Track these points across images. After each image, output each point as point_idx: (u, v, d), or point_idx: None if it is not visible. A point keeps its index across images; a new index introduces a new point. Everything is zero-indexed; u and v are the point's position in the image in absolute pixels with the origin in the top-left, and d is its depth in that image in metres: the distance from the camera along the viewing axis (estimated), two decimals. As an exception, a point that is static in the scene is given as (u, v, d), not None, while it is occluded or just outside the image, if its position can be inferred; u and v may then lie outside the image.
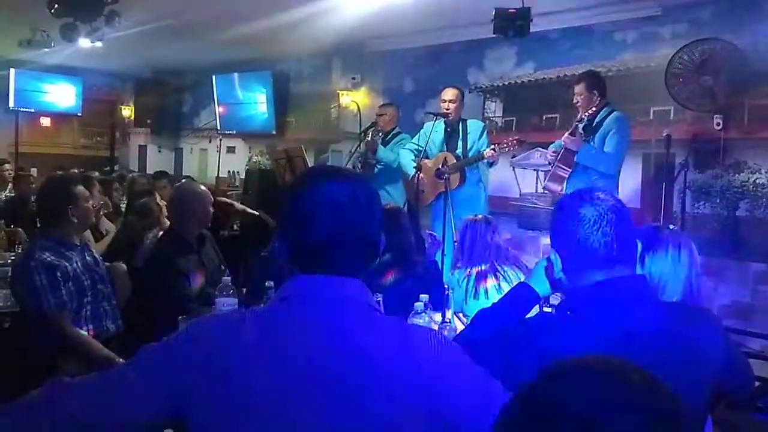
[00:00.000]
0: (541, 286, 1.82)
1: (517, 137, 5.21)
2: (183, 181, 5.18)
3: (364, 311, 1.25)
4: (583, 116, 4.72)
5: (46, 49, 8.05)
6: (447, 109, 5.28)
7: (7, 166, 7.58)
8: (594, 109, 4.69)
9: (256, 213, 5.38)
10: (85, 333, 3.04)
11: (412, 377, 1.19)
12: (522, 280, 3.06)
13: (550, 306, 2.69)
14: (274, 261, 3.25)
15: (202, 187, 3.74)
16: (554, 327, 1.58)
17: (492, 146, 5.03)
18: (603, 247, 1.52)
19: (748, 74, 5.24)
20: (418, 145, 5.42)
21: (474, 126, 5.35)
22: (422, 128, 5.53)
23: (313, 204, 1.26)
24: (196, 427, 1.19)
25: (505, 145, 4.94)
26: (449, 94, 5.34)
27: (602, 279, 1.53)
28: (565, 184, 4.80)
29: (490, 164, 5.26)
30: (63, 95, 10.98)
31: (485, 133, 5.37)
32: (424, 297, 2.61)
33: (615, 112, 4.71)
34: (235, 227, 5.99)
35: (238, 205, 5.57)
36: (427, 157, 5.37)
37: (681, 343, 1.54)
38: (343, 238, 1.26)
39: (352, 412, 1.16)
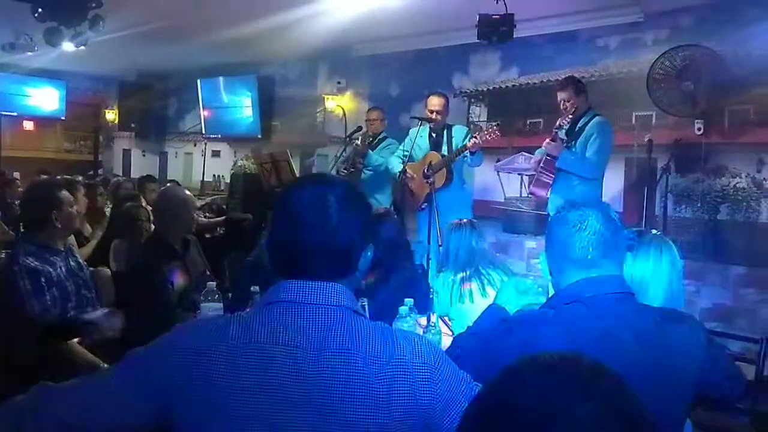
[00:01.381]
0: (511, 304, 1.92)
1: (496, 123, 5.24)
2: (167, 186, 5.17)
3: (347, 315, 1.27)
4: (562, 123, 4.76)
5: (30, 53, 8.00)
6: (436, 117, 5.30)
7: None
8: (572, 114, 4.73)
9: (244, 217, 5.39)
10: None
11: (398, 381, 1.20)
12: (505, 281, 3.11)
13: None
14: (259, 265, 3.27)
15: (187, 192, 3.74)
16: (534, 321, 1.65)
17: (474, 135, 5.05)
18: (581, 249, 1.61)
19: (729, 80, 5.31)
20: (405, 150, 5.44)
21: (459, 131, 5.38)
22: (408, 134, 5.54)
23: (285, 211, 1.30)
24: (181, 430, 1.20)
25: (486, 134, 4.96)
26: (435, 103, 5.33)
27: (581, 278, 1.62)
28: (549, 189, 4.84)
29: (474, 159, 5.21)
30: (46, 99, 10.90)
31: (469, 137, 5.39)
32: (409, 301, 2.62)
33: (597, 117, 4.75)
34: (220, 230, 5.99)
35: (218, 220, 5.59)
36: (413, 161, 5.39)
37: (658, 342, 1.58)
38: (328, 244, 1.27)
39: (337, 416, 1.17)
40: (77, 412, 1.19)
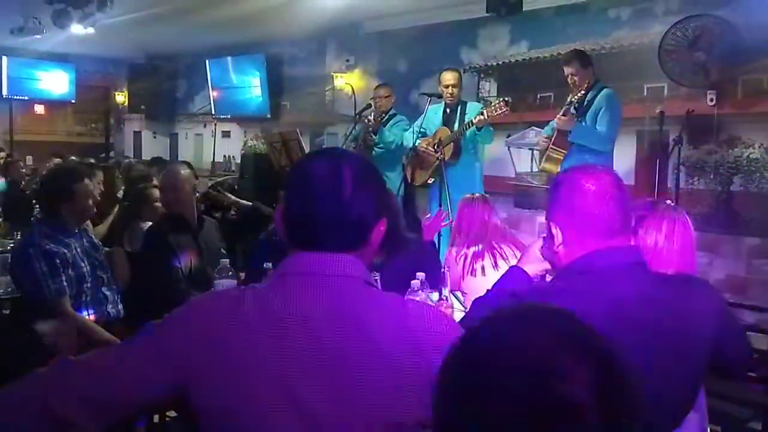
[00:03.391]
0: (533, 268, 1.89)
1: (504, 99, 5.20)
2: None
3: (361, 286, 1.27)
4: (573, 98, 4.74)
5: (38, 36, 8.01)
6: (450, 94, 5.27)
7: (1, 153, 7.62)
8: (585, 88, 4.70)
9: (250, 204, 5.40)
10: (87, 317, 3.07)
11: (410, 349, 1.21)
12: (518, 257, 3.10)
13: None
14: (272, 243, 3.29)
15: (185, 170, 3.76)
16: (546, 291, 1.63)
17: (481, 111, 5.02)
18: (605, 219, 1.57)
19: (741, 49, 5.24)
20: (420, 127, 5.44)
21: (473, 107, 5.34)
22: (424, 111, 5.51)
23: (311, 182, 1.29)
24: (198, 402, 1.21)
25: (493, 109, 4.93)
26: (449, 78, 5.30)
27: (598, 248, 1.57)
28: (560, 165, 4.82)
29: (483, 136, 5.19)
30: (56, 82, 10.93)
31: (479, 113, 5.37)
32: (421, 275, 2.63)
33: (605, 90, 4.71)
34: (233, 213, 6.01)
35: (230, 198, 5.59)
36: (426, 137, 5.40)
37: (672, 310, 1.57)
38: (341, 215, 1.27)
39: (352, 386, 1.17)
40: (96, 384, 1.20)
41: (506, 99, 5.24)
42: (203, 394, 1.20)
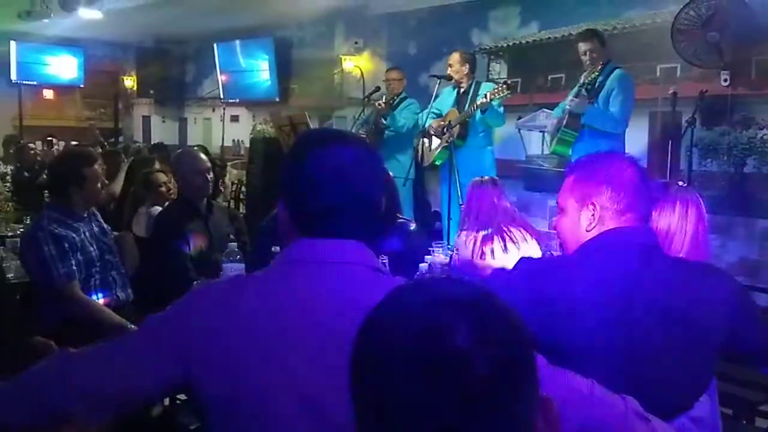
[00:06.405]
0: None
1: (506, 82, 5.19)
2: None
3: (368, 273, 1.25)
4: (586, 80, 4.70)
5: (46, 20, 8.00)
6: (455, 74, 5.28)
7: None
8: (600, 68, 4.66)
9: None
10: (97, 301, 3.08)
11: None
12: (528, 241, 3.09)
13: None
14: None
15: (200, 154, 3.76)
16: (558, 265, 1.64)
17: (483, 95, 5.01)
18: (631, 205, 1.62)
19: (756, 29, 5.15)
20: (435, 108, 5.44)
21: (486, 88, 5.33)
22: (434, 93, 5.51)
23: (317, 167, 1.25)
24: (201, 392, 1.20)
25: (495, 92, 4.91)
26: (450, 60, 5.37)
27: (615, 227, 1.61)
28: (571, 148, 4.79)
29: (491, 119, 5.17)
30: (65, 67, 10.92)
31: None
32: (429, 258, 2.61)
33: (617, 70, 4.68)
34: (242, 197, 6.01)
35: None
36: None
37: (684, 296, 1.56)
38: (347, 201, 1.25)
39: None
40: (97, 378, 1.19)
41: (507, 81, 5.23)
42: (206, 384, 1.19)
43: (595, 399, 1.15)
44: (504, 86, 4.92)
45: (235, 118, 10.67)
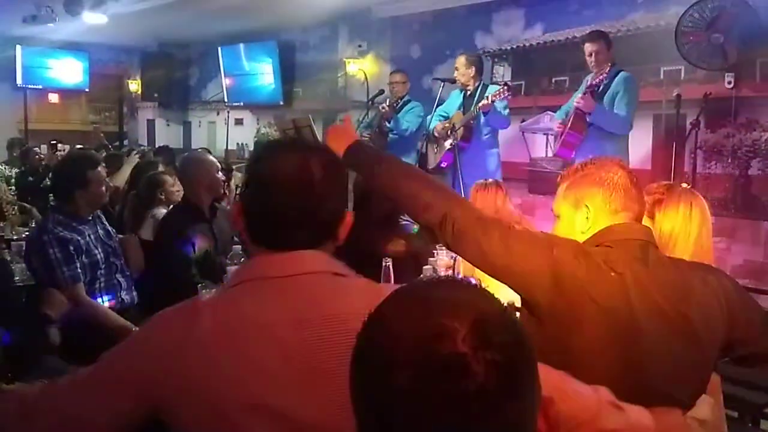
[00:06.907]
0: None
1: (507, 83, 5.20)
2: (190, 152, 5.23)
3: (329, 279, 1.22)
4: (593, 82, 4.70)
5: (51, 24, 8.03)
6: (463, 77, 5.31)
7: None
8: (608, 69, 4.66)
9: None
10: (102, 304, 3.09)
11: None
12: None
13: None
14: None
15: (209, 156, 3.77)
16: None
17: (485, 96, 5.03)
18: (611, 202, 1.65)
19: (760, 31, 5.14)
20: (444, 112, 5.46)
21: (491, 90, 5.34)
22: (437, 96, 5.53)
23: (263, 177, 1.24)
24: (169, 421, 1.18)
25: (497, 94, 4.93)
26: (456, 62, 5.39)
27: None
28: (576, 150, 4.78)
29: (494, 121, 5.19)
30: (70, 71, 10.95)
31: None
32: (433, 261, 2.62)
33: (622, 73, 4.68)
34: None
35: None
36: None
37: (680, 291, 1.57)
38: (301, 212, 1.22)
39: (325, 387, 1.12)
40: (72, 411, 1.19)
41: (507, 83, 5.25)
42: (171, 413, 1.16)
43: (568, 390, 1.13)
44: (504, 88, 4.94)
45: (239, 122, 10.69)
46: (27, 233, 4.23)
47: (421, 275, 2.57)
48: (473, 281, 0.97)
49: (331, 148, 1.51)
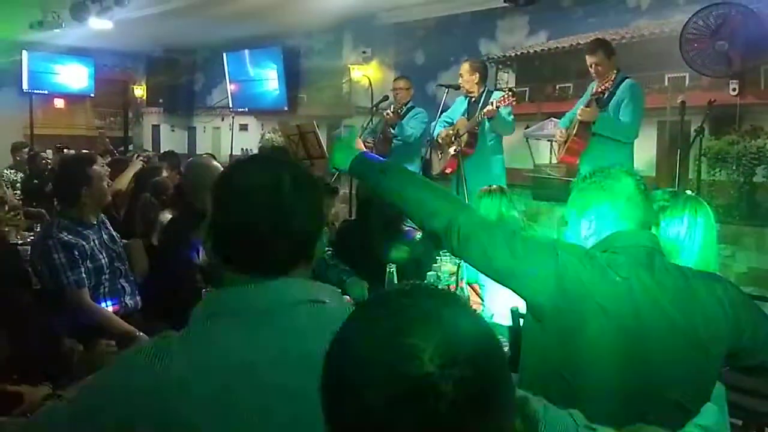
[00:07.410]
0: None
1: (511, 89, 5.19)
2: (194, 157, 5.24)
3: (308, 311, 1.15)
4: (598, 90, 4.69)
5: (57, 30, 8.07)
6: (467, 83, 5.29)
7: (25, 150, 7.72)
8: (613, 78, 4.65)
9: None
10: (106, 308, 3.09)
11: None
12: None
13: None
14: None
15: (214, 162, 3.76)
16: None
17: (490, 103, 5.02)
18: (620, 212, 1.66)
19: (764, 38, 5.15)
20: (449, 118, 5.45)
21: (496, 96, 5.33)
22: (441, 102, 5.52)
23: (234, 196, 1.19)
24: None
25: (501, 101, 4.92)
26: (461, 69, 5.37)
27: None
28: (580, 157, 4.77)
29: (499, 126, 5.18)
30: (75, 76, 11.01)
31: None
32: (437, 267, 2.61)
33: (627, 80, 4.66)
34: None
35: None
36: None
37: (684, 300, 1.57)
38: (267, 227, 1.16)
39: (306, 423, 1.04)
40: None
41: (511, 89, 5.23)
42: None
43: (548, 416, 1.07)
44: (509, 93, 4.93)
45: (243, 127, 10.72)
46: (32, 238, 4.24)
47: (425, 282, 2.57)
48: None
49: (330, 159, 1.49)
